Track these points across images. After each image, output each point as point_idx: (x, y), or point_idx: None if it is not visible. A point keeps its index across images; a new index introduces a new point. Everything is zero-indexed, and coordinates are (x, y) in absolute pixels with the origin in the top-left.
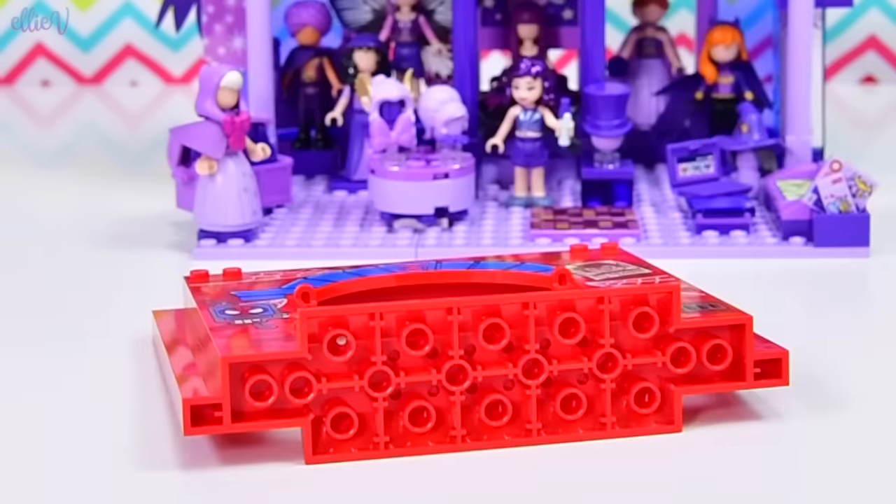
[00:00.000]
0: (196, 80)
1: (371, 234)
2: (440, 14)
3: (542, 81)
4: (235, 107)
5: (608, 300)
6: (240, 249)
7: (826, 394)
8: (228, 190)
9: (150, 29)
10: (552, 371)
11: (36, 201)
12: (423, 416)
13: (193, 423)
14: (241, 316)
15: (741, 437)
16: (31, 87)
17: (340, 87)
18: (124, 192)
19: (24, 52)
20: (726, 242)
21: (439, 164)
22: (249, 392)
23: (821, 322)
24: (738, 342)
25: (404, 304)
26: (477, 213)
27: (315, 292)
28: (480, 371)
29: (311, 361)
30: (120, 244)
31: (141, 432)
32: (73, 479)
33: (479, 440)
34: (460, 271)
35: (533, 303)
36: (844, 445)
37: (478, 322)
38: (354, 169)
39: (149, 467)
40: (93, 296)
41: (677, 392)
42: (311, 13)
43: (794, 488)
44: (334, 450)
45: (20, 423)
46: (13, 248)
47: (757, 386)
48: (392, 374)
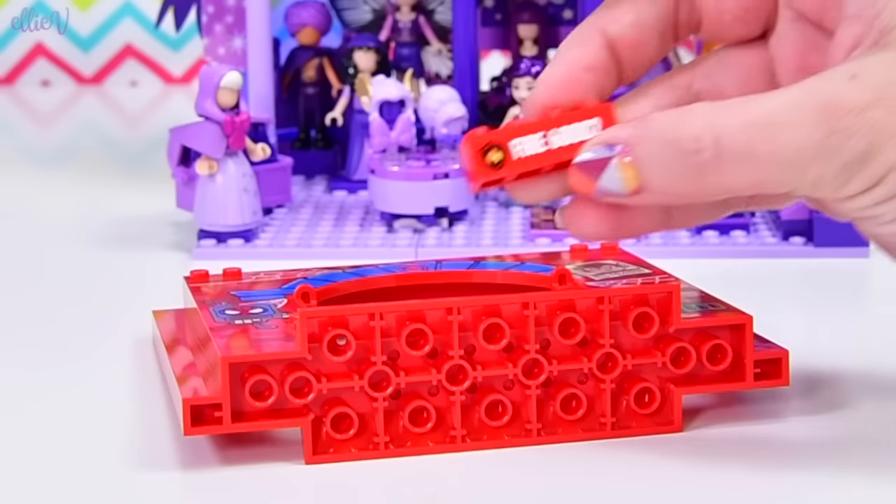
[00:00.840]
0: (196, 80)
1: (371, 234)
2: (440, 14)
3: None
4: (235, 107)
5: (608, 300)
6: (240, 249)
7: (826, 394)
8: (228, 190)
9: (150, 29)
10: (552, 371)
11: (36, 201)
12: (423, 416)
13: (193, 423)
14: (241, 316)
15: (741, 438)
16: (31, 87)
17: (340, 87)
18: (124, 192)
19: (24, 52)
20: (726, 242)
21: (439, 164)
22: (249, 392)
23: (820, 322)
24: (738, 342)
25: (404, 304)
26: (477, 213)
27: (315, 292)
28: (480, 371)
29: (311, 361)
30: (120, 244)
31: (141, 432)
32: (72, 479)
33: (479, 440)
34: (460, 271)
35: (533, 303)
36: (844, 446)
37: (478, 322)
38: (354, 169)
39: (149, 467)
40: (93, 296)
41: (677, 392)
42: (311, 13)
43: (795, 489)
44: (334, 450)
45: (20, 423)
46: (13, 248)
47: (757, 386)
48: (392, 374)
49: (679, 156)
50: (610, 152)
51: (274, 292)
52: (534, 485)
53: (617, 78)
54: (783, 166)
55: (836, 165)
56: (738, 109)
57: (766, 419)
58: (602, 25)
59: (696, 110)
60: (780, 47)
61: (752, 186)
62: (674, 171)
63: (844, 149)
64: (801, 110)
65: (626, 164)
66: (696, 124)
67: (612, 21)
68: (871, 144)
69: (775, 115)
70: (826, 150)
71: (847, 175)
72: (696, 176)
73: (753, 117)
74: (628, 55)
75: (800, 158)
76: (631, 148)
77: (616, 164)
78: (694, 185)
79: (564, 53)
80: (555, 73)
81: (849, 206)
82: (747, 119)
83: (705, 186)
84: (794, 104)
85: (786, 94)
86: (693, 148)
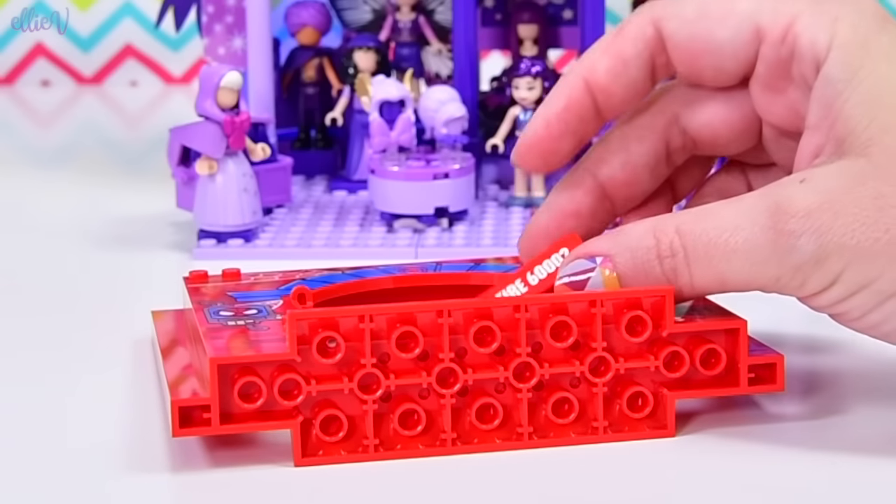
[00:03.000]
0: (196, 80)
1: (371, 235)
2: (440, 14)
3: (542, 81)
4: (235, 107)
5: (600, 303)
6: (240, 249)
7: (822, 397)
8: (228, 190)
9: (150, 29)
10: (543, 374)
11: (36, 201)
12: (413, 418)
13: (182, 425)
14: (235, 317)
15: (734, 443)
16: (31, 87)
17: (340, 87)
18: (124, 192)
19: (24, 52)
20: None
21: (439, 164)
22: (238, 394)
23: (819, 322)
24: (732, 346)
25: (394, 306)
26: (477, 213)
27: (311, 294)
28: (471, 374)
29: (300, 363)
30: (120, 244)
31: (134, 433)
32: (60, 479)
33: (470, 444)
34: (459, 273)
35: (524, 305)
36: (840, 450)
37: (469, 325)
38: (354, 169)
39: (138, 468)
40: (93, 296)
41: (670, 396)
42: (311, 13)
43: (789, 495)
44: (324, 452)
45: (16, 422)
46: (13, 248)
47: (751, 391)
48: (382, 376)
49: (656, 261)
50: (592, 264)
51: (270, 293)
52: (525, 489)
53: (607, 217)
54: (743, 267)
55: (790, 266)
56: (701, 215)
57: (760, 424)
58: (592, 168)
59: (665, 219)
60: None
61: (720, 285)
62: (652, 276)
63: (795, 249)
64: (753, 213)
65: (607, 275)
66: (668, 230)
67: (602, 163)
68: (820, 247)
69: (730, 218)
70: (778, 251)
71: (803, 275)
72: (671, 278)
73: (714, 222)
74: (621, 193)
75: (755, 259)
76: (611, 257)
77: (598, 274)
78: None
79: (552, 199)
80: (540, 222)
81: (816, 303)
82: (708, 224)
83: (681, 288)
84: (748, 208)
85: (744, 199)
86: (666, 253)
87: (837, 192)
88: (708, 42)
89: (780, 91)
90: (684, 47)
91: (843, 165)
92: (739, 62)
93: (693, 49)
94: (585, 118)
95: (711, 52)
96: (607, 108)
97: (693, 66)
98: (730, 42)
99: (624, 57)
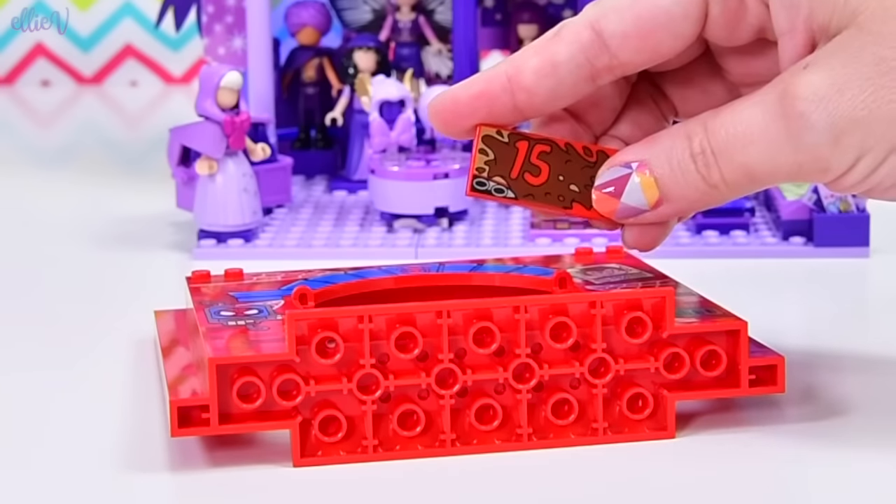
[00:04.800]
0: (196, 80)
1: (371, 234)
2: (440, 14)
3: None
4: (235, 107)
5: (600, 304)
6: (240, 249)
7: (823, 398)
8: (228, 190)
9: (150, 29)
10: (543, 375)
11: (36, 201)
12: (412, 419)
13: (181, 425)
14: (236, 317)
15: (735, 445)
16: (31, 87)
17: (340, 87)
18: (124, 192)
19: (24, 52)
20: (726, 242)
21: (439, 164)
22: (237, 394)
23: (820, 322)
24: (732, 348)
25: (393, 306)
26: (477, 213)
27: (313, 294)
28: (470, 375)
29: (299, 363)
30: (120, 244)
31: (134, 433)
32: (60, 478)
33: (469, 444)
34: (460, 274)
35: (524, 306)
36: (841, 452)
37: (468, 325)
38: (354, 169)
39: (137, 468)
40: (93, 296)
41: (670, 398)
42: (311, 13)
43: (789, 496)
44: (322, 453)
45: (16, 422)
46: (13, 248)
47: (752, 393)
48: (381, 377)
49: (689, 160)
50: (628, 170)
51: (272, 293)
52: (525, 490)
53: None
54: (763, 157)
55: (808, 149)
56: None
57: (761, 425)
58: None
59: (696, 119)
60: None
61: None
62: (689, 175)
63: (807, 130)
64: (765, 102)
65: (645, 177)
66: (697, 130)
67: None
68: (832, 124)
69: (746, 111)
70: (792, 136)
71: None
72: (705, 175)
73: (731, 116)
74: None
75: (773, 147)
76: (646, 162)
77: (636, 179)
78: (705, 188)
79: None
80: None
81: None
82: (726, 118)
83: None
84: (760, 98)
85: (759, 92)
86: (698, 150)
87: (838, 68)
88: (655, 14)
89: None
90: (632, 33)
91: (837, 42)
92: (692, 19)
93: (642, 29)
94: (496, 112)
95: (662, 23)
96: (528, 107)
97: (647, 47)
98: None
99: (555, 60)
